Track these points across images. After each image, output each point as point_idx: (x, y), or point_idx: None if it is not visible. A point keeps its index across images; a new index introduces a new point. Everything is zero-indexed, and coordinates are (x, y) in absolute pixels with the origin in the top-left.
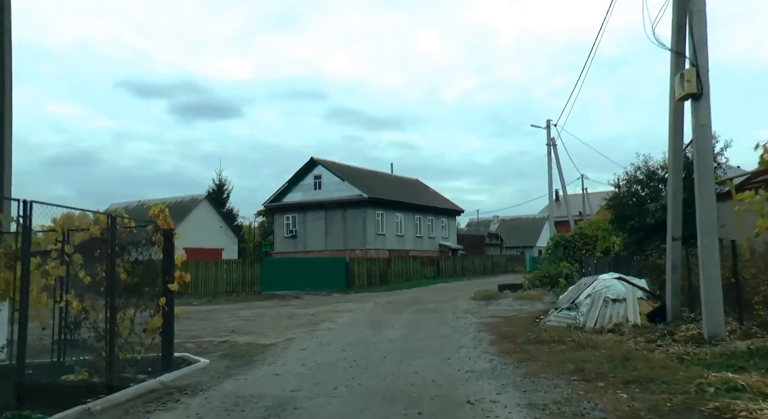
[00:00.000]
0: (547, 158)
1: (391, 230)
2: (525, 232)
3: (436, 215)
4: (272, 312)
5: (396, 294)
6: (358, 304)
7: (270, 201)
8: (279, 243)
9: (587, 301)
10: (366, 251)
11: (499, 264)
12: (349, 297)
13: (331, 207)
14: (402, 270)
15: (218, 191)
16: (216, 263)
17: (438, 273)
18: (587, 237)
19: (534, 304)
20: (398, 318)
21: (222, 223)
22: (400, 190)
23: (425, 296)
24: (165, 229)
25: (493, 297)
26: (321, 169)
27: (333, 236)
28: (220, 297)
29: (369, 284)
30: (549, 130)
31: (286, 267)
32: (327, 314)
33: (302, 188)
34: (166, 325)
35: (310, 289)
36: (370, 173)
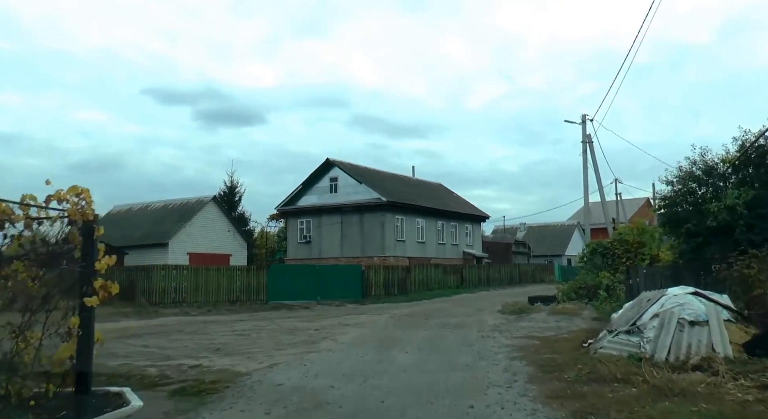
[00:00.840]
0: (583, 156)
1: (411, 236)
2: (553, 240)
3: (460, 221)
4: (273, 326)
5: (415, 306)
6: (372, 316)
7: (283, 204)
8: (292, 249)
9: (654, 323)
10: (384, 258)
11: (527, 274)
12: (363, 308)
13: (347, 211)
14: (423, 279)
15: (229, 194)
16: (218, 270)
17: (461, 283)
18: (628, 244)
19: (572, 320)
20: (413, 335)
21: (230, 227)
22: (421, 194)
23: (447, 309)
24: (83, 221)
25: (524, 311)
26: (337, 171)
27: (349, 242)
28: (221, 307)
29: (386, 293)
30: (585, 125)
31: (296, 275)
32: (333, 328)
33: (317, 190)
34: (81, 354)
35: (321, 299)
36: (389, 175)
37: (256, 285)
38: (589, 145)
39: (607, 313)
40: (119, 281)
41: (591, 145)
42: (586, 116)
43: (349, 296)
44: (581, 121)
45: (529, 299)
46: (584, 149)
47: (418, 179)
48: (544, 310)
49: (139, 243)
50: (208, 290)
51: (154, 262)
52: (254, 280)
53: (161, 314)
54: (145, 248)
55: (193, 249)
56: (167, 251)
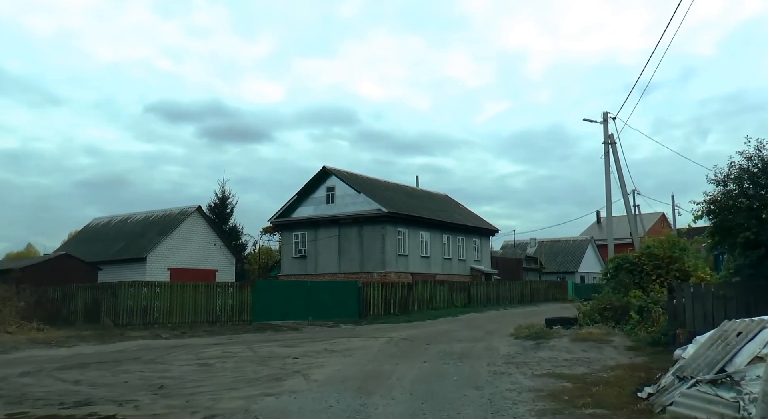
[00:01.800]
0: (605, 158)
1: (414, 250)
2: (565, 256)
3: (468, 235)
4: (247, 352)
5: (416, 327)
6: (365, 340)
7: (277, 216)
8: (287, 264)
9: (758, 371)
10: (385, 274)
11: (539, 291)
12: (358, 330)
13: (345, 223)
14: (427, 297)
15: (221, 206)
16: (195, 287)
17: (469, 301)
18: (657, 258)
19: (602, 350)
20: (408, 370)
21: (216, 240)
22: (425, 205)
23: (452, 332)
24: None
25: (542, 336)
26: (335, 180)
27: (347, 256)
28: (199, 329)
29: (386, 313)
30: (606, 125)
31: (285, 292)
32: (314, 357)
33: (313, 201)
34: None
35: (313, 319)
36: (390, 185)
37: (240, 304)
38: (611, 146)
39: (645, 342)
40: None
41: (614, 146)
42: (608, 114)
43: (345, 316)
44: (602, 119)
45: (547, 321)
46: (606, 151)
47: (423, 189)
48: (565, 335)
49: (115, 258)
50: (185, 310)
51: (132, 279)
52: (238, 298)
53: (127, 337)
54: (121, 263)
55: (175, 264)
56: (145, 266)
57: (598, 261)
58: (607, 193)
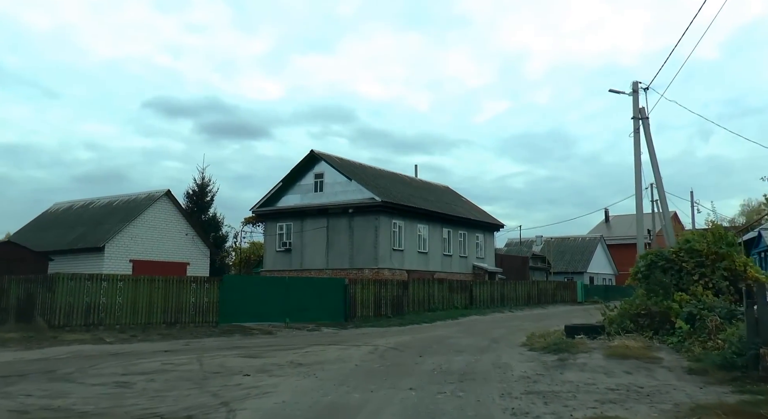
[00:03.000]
0: (634, 136)
1: (411, 245)
2: (573, 255)
3: (470, 230)
4: (192, 366)
5: (410, 332)
6: (344, 350)
7: (260, 205)
8: (270, 259)
9: None
10: (377, 271)
11: (547, 292)
12: (341, 335)
13: (334, 213)
14: (423, 297)
15: (200, 193)
16: (151, 282)
17: (471, 302)
18: (700, 255)
19: (653, 372)
20: (384, 403)
21: (189, 229)
22: (424, 196)
23: (451, 338)
24: None
25: (565, 348)
26: (323, 166)
27: (336, 250)
28: (154, 331)
29: (376, 315)
30: (637, 96)
31: (259, 289)
32: (271, 374)
33: (300, 189)
34: None
35: (291, 321)
36: (386, 173)
37: (205, 303)
38: (642, 122)
39: (711, 362)
40: (16, 295)
41: (645, 122)
42: (639, 84)
43: (329, 318)
44: (632, 90)
45: (567, 328)
46: (636, 128)
47: (422, 179)
48: (594, 348)
49: (70, 248)
50: (138, 309)
51: (90, 271)
52: (204, 296)
53: (60, 341)
54: (76, 253)
55: (138, 255)
56: (103, 257)
57: (608, 261)
58: (636, 176)
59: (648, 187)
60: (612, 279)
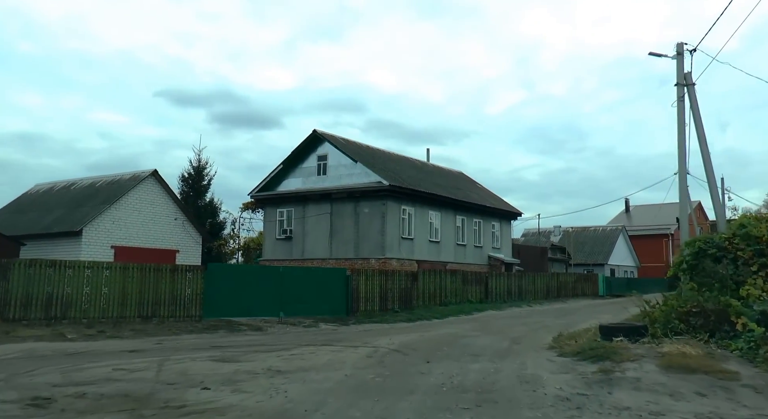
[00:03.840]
0: (677, 105)
1: (421, 233)
2: (594, 246)
3: (486, 218)
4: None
5: (418, 329)
6: (339, 352)
7: (259, 189)
8: (269, 247)
9: None
10: (385, 261)
11: (567, 286)
12: (340, 333)
13: (338, 198)
14: (434, 290)
15: (196, 177)
16: (124, 269)
17: (486, 296)
18: (759, 242)
19: (733, 392)
20: None
21: (178, 214)
22: (436, 181)
23: (465, 338)
24: None
25: (604, 355)
26: (327, 147)
27: (340, 239)
28: (126, 326)
29: (382, 309)
30: (681, 60)
31: (249, 280)
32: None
33: (302, 172)
34: None
35: (286, 315)
36: (394, 157)
37: (188, 294)
38: (688, 89)
39: None
40: None
41: (692, 89)
42: (685, 46)
43: (329, 312)
44: (676, 52)
45: (602, 329)
46: (680, 95)
47: (434, 164)
48: (641, 355)
49: (45, 232)
50: (110, 301)
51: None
52: (186, 286)
53: (13, 337)
54: (52, 238)
55: (121, 241)
56: (80, 242)
57: (630, 253)
58: (680, 152)
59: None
60: (634, 272)
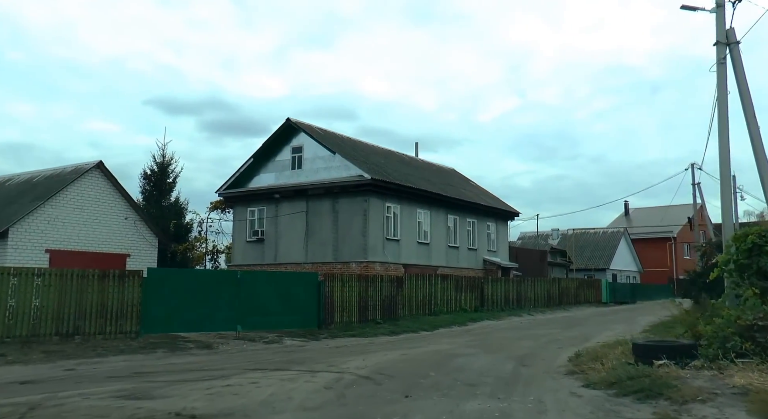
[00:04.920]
0: (717, 69)
1: (409, 234)
2: (594, 250)
3: (481, 218)
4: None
5: (401, 345)
6: (290, 382)
7: (228, 186)
8: (239, 251)
9: None
10: (367, 265)
11: (569, 292)
12: (306, 351)
13: (315, 195)
14: (423, 298)
15: (160, 174)
16: (40, 276)
17: (482, 303)
18: None
19: None
20: None
21: (129, 212)
22: (426, 177)
23: (458, 357)
24: None
25: (652, 388)
26: (303, 138)
27: (317, 240)
28: (38, 348)
29: (362, 320)
30: (722, 12)
31: (200, 287)
32: None
33: (275, 166)
34: None
35: (245, 329)
36: (379, 150)
37: (122, 305)
38: (730, 49)
39: None
40: None
41: (735, 49)
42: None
43: (298, 324)
44: (715, 4)
45: (638, 348)
46: (720, 57)
47: (423, 159)
48: (713, 392)
49: None
50: (18, 315)
51: None
52: (118, 296)
53: None
54: None
55: (59, 244)
56: (6, 245)
57: (633, 257)
58: (720, 124)
59: (689, 168)
60: (637, 277)
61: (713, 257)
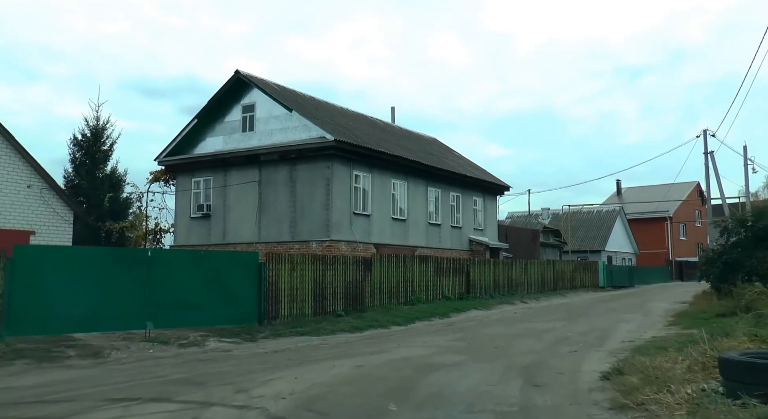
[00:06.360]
0: None
1: (382, 208)
2: (588, 230)
3: (466, 191)
4: None
5: (360, 350)
6: (174, 414)
7: (168, 153)
8: (183, 228)
9: None
10: (330, 244)
11: (564, 276)
12: (226, 361)
13: (269, 161)
14: (397, 284)
15: (93, 140)
16: None
17: (467, 289)
18: None
19: None
20: None
21: (34, 179)
22: (402, 144)
23: (436, 371)
24: None
25: None
26: (256, 94)
27: (272, 215)
28: None
29: (318, 312)
30: None
31: (92, 272)
32: None
33: (223, 129)
34: None
35: (159, 326)
36: (347, 112)
37: None
38: None
39: None
40: None
41: None
42: None
43: (233, 320)
44: None
45: (732, 366)
46: None
47: (401, 126)
48: None
49: None
50: None
51: None
52: None
53: None
54: None
55: None
56: None
57: (629, 238)
58: None
59: (700, 134)
60: (633, 259)
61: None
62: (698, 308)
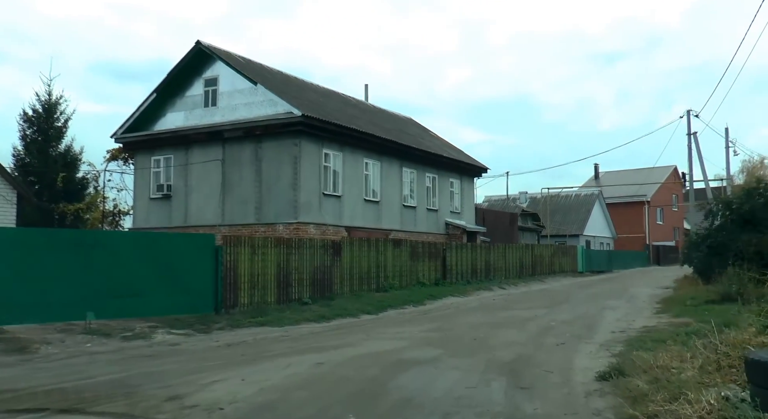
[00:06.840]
0: None
1: (354, 189)
2: (566, 214)
3: (442, 173)
4: None
5: (325, 344)
6: None
7: (126, 129)
8: (142, 210)
9: None
10: (298, 227)
11: (543, 260)
12: (171, 357)
13: (233, 138)
14: (369, 269)
15: (45, 116)
16: None
17: (444, 275)
18: None
19: None
20: None
21: None
22: (376, 122)
23: (407, 370)
24: None
25: None
26: (219, 67)
27: (237, 196)
28: None
29: (282, 300)
30: None
31: (23, 255)
32: None
33: (185, 104)
34: None
35: (101, 316)
36: (317, 88)
37: None
38: None
39: None
40: None
41: None
42: None
43: (187, 308)
44: None
45: (757, 365)
46: None
47: (375, 105)
48: None
49: None
50: None
51: None
52: None
53: None
54: None
55: None
56: None
57: (607, 223)
58: None
59: (684, 115)
60: (611, 243)
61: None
62: (683, 293)
